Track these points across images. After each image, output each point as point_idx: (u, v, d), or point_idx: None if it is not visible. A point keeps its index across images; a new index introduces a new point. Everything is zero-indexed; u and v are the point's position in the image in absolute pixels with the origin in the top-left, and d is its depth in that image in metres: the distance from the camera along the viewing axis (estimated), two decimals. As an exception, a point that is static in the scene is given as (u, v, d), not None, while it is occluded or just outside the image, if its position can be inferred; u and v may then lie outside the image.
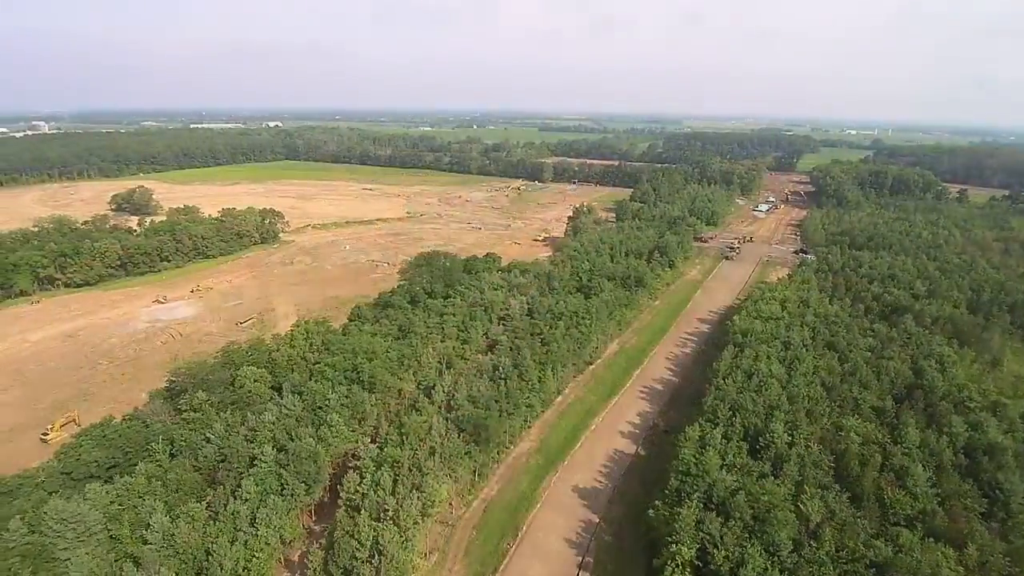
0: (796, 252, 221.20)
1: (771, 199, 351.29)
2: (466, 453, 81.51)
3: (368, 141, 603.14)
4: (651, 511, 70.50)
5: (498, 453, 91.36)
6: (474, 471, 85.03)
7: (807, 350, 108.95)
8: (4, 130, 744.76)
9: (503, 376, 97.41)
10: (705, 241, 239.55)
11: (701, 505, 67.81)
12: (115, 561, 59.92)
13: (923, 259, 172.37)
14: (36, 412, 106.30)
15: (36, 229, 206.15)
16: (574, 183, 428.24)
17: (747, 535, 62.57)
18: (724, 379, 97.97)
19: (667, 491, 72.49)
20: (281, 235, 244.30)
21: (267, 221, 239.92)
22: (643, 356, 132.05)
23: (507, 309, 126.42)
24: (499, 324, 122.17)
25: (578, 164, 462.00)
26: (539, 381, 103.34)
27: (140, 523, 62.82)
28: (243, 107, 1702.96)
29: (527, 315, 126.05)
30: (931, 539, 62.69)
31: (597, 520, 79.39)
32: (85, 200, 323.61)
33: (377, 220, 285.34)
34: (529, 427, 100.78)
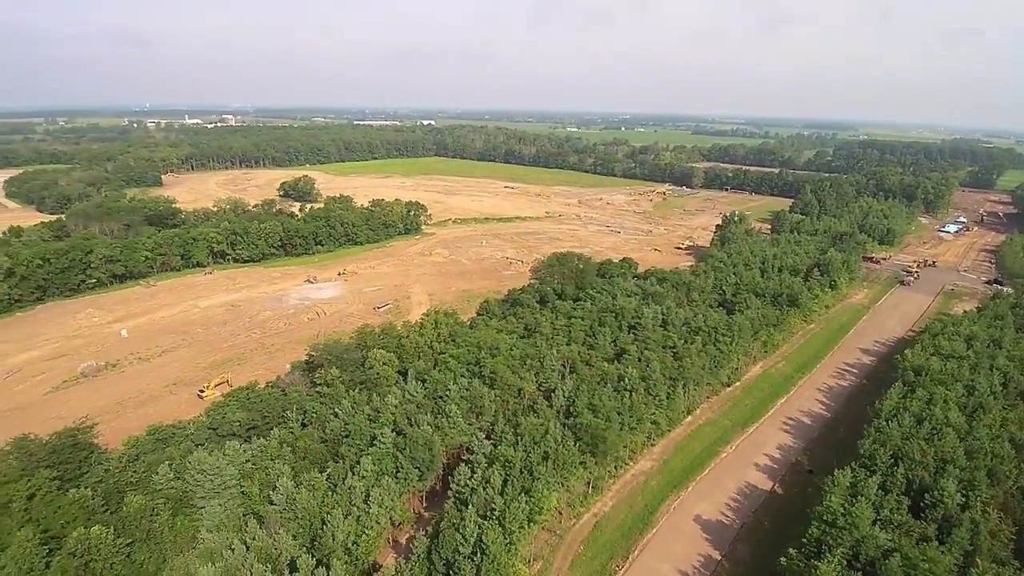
0: (989, 282, 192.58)
1: (961, 219, 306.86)
2: (581, 463, 79.42)
3: (513, 140, 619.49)
4: (783, 559, 63.51)
5: (615, 467, 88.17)
6: (588, 483, 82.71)
7: (995, 398, 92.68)
8: (199, 121, 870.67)
9: (628, 388, 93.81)
10: (876, 262, 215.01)
11: (844, 563, 59.70)
12: (243, 516, 66.02)
13: None
14: (197, 370, 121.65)
15: (215, 209, 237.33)
16: (726, 190, 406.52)
17: (904, 608, 54.00)
18: (887, 421, 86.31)
19: (805, 540, 64.88)
20: (423, 227, 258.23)
21: (411, 213, 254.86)
22: (790, 384, 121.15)
23: (639, 318, 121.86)
24: (629, 333, 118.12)
25: (732, 170, 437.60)
26: (668, 397, 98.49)
27: (268, 484, 68.66)
28: (401, 107, 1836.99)
29: (661, 326, 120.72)
30: None
31: (719, 558, 73.40)
32: (259, 186, 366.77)
33: (515, 218, 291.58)
34: (652, 445, 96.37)
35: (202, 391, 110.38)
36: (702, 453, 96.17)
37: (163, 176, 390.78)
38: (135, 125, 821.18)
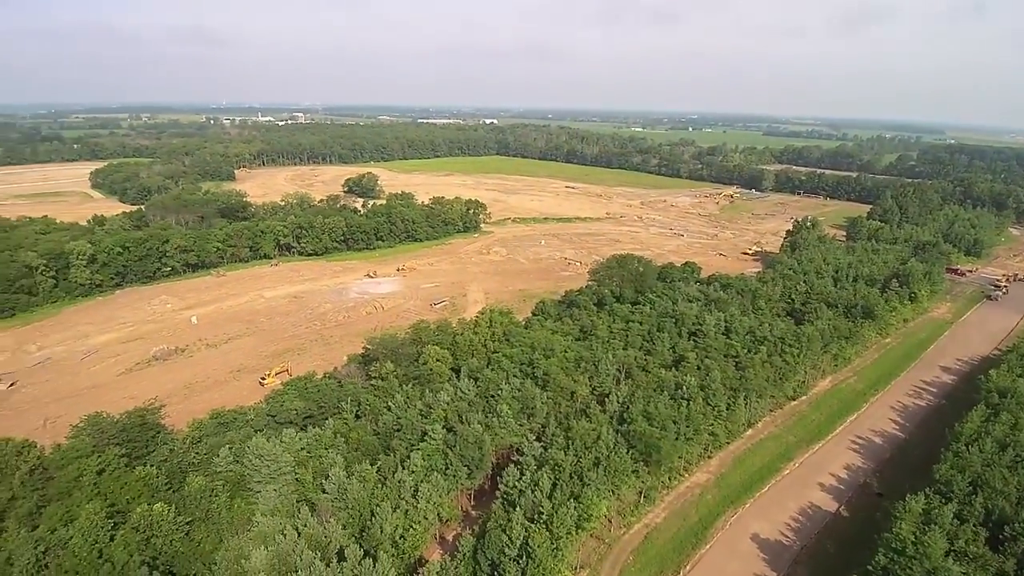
0: None
1: None
2: (633, 471, 77.74)
3: (576, 139, 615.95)
4: (849, 587, 60.17)
5: (669, 478, 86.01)
6: (640, 492, 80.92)
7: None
8: (271, 119, 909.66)
9: (686, 396, 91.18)
10: (962, 275, 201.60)
11: (918, 595, 55.95)
12: (296, 502, 68.11)
13: None
14: (259, 358, 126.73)
15: (283, 203, 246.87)
16: (799, 194, 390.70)
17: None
18: (967, 445, 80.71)
19: (871, 567, 61.23)
20: (482, 226, 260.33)
21: (471, 211, 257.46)
22: (861, 401, 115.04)
23: (700, 324, 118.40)
24: (689, 339, 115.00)
25: (806, 173, 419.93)
26: (727, 408, 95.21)
27: (321, 472, 70.56)
28: (464, 106, 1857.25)
29: (723, 334, 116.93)
30: None
31: (778, 580, 70.32)
32: (325, 182, 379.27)
33: (575, 218, 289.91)
34: (709, 457, 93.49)
35: (263, 379, 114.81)
36: (762, 469, 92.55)
37: (236, 171, 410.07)
38: (212, 122, 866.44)
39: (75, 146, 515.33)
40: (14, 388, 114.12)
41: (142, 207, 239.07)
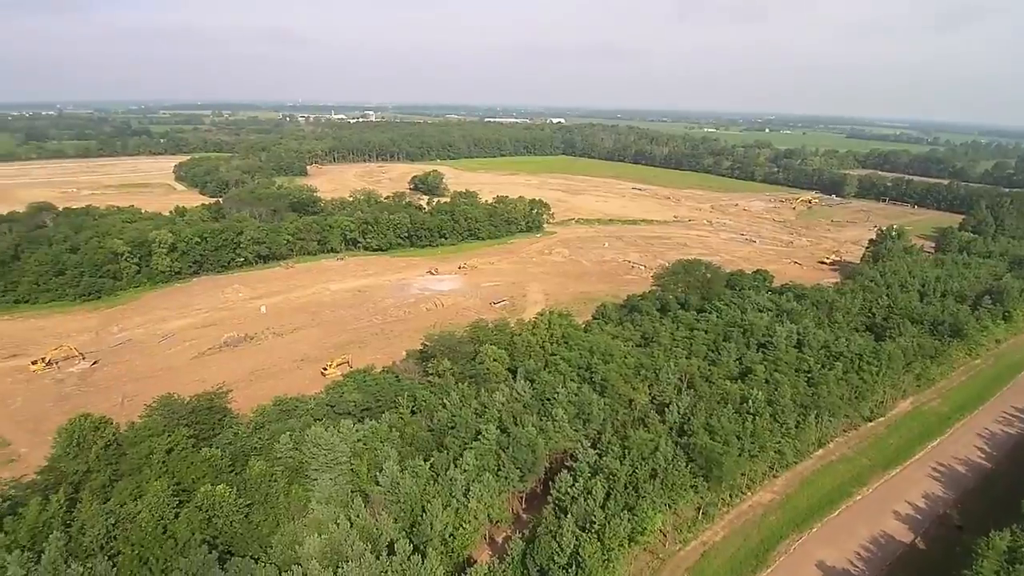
0: None
1: None
2: (692, 486, 75.36)
3: (645, 140, 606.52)
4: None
5: (730, 495, 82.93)
6: (698, 508, 78.45)
7: None
8: (343, 117, 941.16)
9: (752, 411, 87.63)
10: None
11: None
12: (350, 492, 69.74)
13: None
14: (322, 349, 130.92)
15: (351, 199, 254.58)
16: (883, 201, 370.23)
17: None
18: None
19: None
20: (545, 226, 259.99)
21: (534, 211, 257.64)
22: (945, 425, 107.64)
23: (771, 336, 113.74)
24: (758, 351, 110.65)
25: (892, 179, 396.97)
26: (796, 426, 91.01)
27: (375, 465, 71.94)
28: (532, 105, 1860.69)
29: (795, 347, 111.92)
30: None
31: (846, 613, 66.49)
32: (392, 179, 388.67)
33: (641, 221, 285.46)
34: (774, 476, 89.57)
35: (325, 369, 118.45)
36: (832, 492, 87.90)
37: (308, 167, 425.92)
38: (288, 119, 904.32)
39: (162, 140, 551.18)
40: (97, 366, 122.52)
41: (220, 200, 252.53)
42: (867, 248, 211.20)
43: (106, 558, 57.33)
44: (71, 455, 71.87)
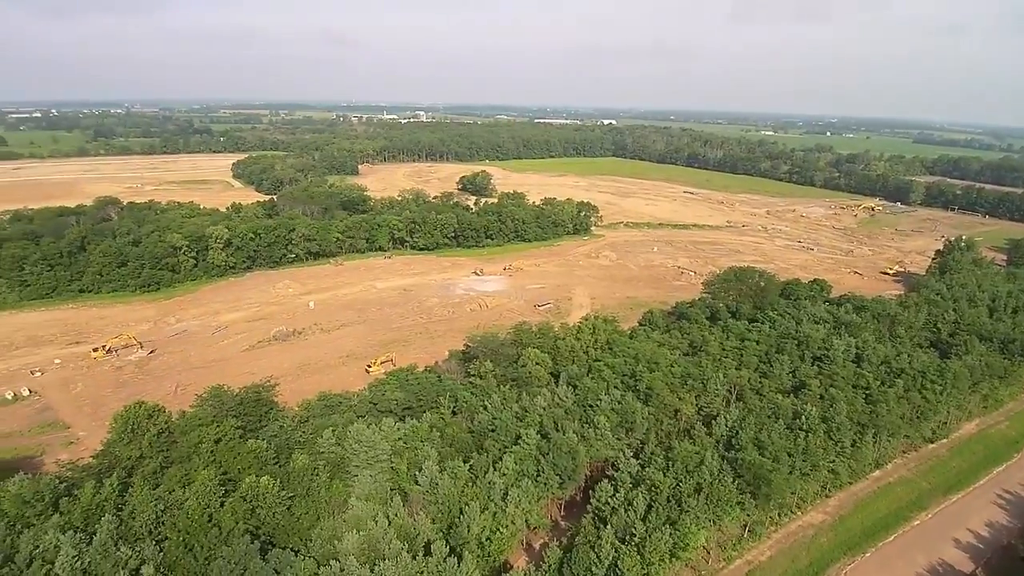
0: None
1: None
2: (738, 503, 73.01)
3: (698, 142, 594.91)
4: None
5: (779, 514, 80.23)
6: (744, 526, 76.09)
7: None
8: (395, 117, 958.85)
9: (805, 427, 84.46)
10: None
11: None
12: (389, 490, 70.45)
13: None
14: (367, 346, 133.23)
15: (400, 199, 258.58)
16: (952, 209, 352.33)
17: None
18: None
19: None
20: (593, 228, 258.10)
21: (582, 214, 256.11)
22: (1012, 450, 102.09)
23: (827, 349, 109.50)
24: (813, 365, 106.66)
25: (962, 187, 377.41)
26: (853, 445, 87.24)
27: (415, 464, 72.48)
28: (583, 106, 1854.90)
29: (853, 362, 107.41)
30: None
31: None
32: (440, 179, 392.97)
33: (692, 225, 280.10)
34: (827, 496, 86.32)
35: (369, 366, 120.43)
36: (888, 516, 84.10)
37: (359, 166, 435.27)
38: (341, 119, 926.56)
39: (221, 139, 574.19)
40: (153, 355, 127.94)
41: (274, 197, 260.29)
42: (933, 259, 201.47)
43: (154, 543, 59.58)
44: (125, 441, 75.03)
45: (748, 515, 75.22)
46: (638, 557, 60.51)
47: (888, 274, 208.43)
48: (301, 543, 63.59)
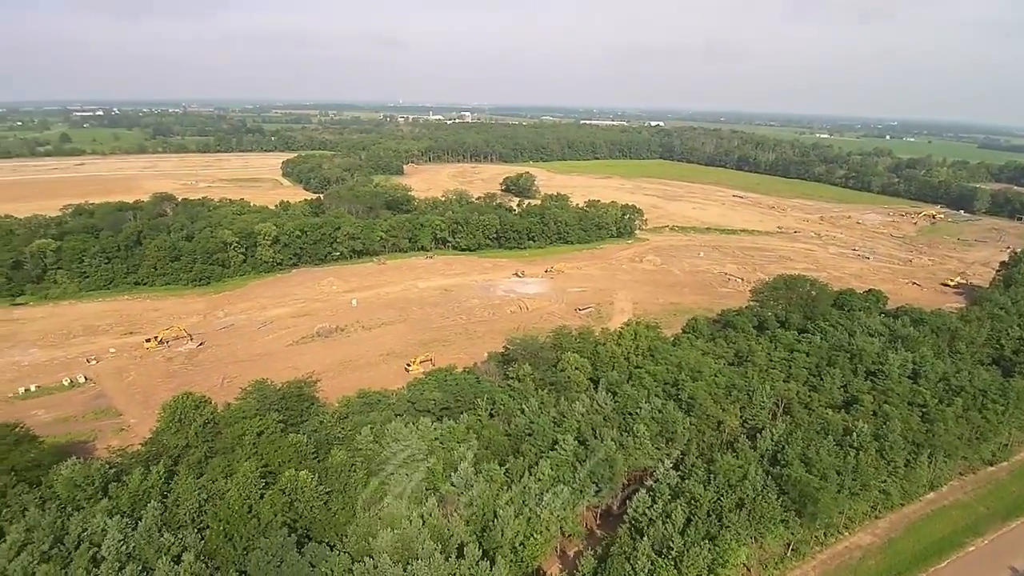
0: None
1: None
2: (782, 520, 70.78)
3: (749, 145, 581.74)
4: None
5: (824, 534, 77.52)
6: (788, 544, 73.69)
7: None
8: (440, 118, 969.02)
9: (856, 445, 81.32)
10: None
11: None
12: (425, 490, 70.81)
13: None
14: (407, 345, 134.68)
15: (443, 199, 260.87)
16: (1019, 219, 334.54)
17: None
18: None
19: None
20: (637, 232, 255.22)
21: (626, 217, 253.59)
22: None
23: (882, 363, 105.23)
24: (866, 379, 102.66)
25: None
26: (906, 465, 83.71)
27: (451, 465, 72.82)
28: (630, 107, 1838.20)
29: (909, 377, 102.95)
30: None
31: None
32: (484, 179, 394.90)
33: (741, 231, 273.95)
34: (877, 517, 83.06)
35: (408, 365, 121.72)
36: (942, 540, 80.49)
37: (405, 166, 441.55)
38: (388, 119, 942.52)
39: (272, 138, 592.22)
40: (202, 347, 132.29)
41: (321, 196, 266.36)
42: (998, 271, 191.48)
43: (195, 531, 61.46)
44: (173, 430, 77.75)
45: (792, 533, 72.89)
46: (675, 571, 59.22)
47: (949, 286, 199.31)
48: (336, 538, 64.63)
